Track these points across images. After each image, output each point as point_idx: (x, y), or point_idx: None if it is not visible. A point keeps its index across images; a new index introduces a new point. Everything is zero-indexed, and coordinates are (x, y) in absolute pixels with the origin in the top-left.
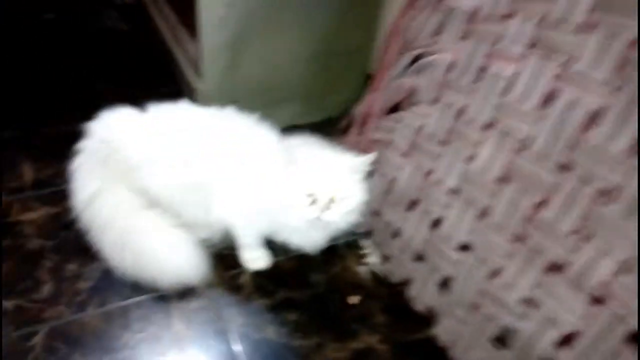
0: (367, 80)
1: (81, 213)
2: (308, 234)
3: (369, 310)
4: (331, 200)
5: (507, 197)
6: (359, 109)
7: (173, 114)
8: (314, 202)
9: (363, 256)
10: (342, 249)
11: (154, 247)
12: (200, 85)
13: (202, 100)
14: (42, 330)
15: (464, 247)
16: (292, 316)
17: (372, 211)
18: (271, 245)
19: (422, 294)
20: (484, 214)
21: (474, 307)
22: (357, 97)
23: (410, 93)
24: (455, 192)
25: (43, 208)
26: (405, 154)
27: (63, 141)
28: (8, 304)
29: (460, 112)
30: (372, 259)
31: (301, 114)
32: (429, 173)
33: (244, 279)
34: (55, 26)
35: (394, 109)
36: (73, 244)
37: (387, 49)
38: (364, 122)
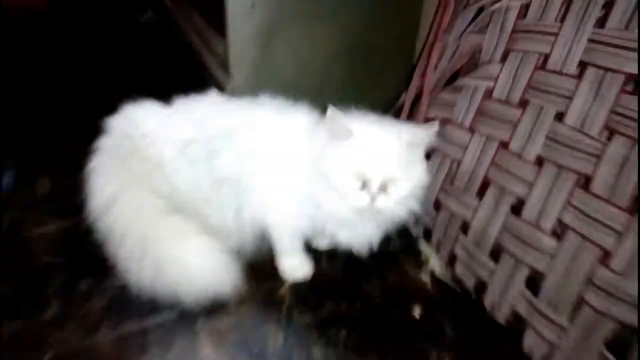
0: (412, 73)
1: (97, 220)
2: (358, 227)
3: (436, 323)
4: (386, 183)
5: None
6: (410, 89)
7: (201, 105)
8: (364, 185)
9: (423, 261)
10: (396, 252)
11: (177, 256)
12: (230, 84)
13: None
14: (46, 357)
15: (559, 231)
16: (342, 334)
17: (432, 203)
18: (314, 251)
19: (503, 300)
20: (587, 182)
21: (578, 306)
22: (399, 93)
23: (472, 55)
24: (541, 162)
25: (56, 222)
26: (470, 128)
27: (85, 155)
28: (10, 327)
29: (542, 60)
30: (434, 262)
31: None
32: (504, 145)
33: (282, 292)
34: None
35: (452, 79)
36: (86, 259)
37: (443, 11)
38: (415, 103)
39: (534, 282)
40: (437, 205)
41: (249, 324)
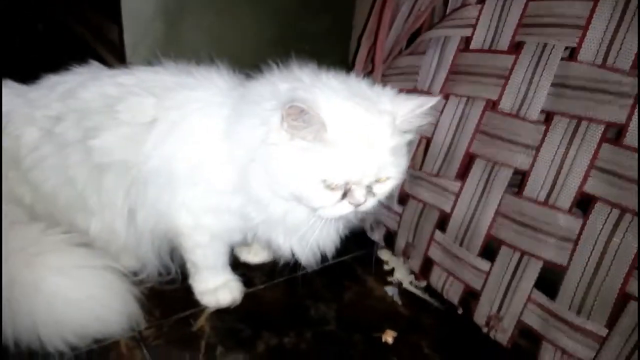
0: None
1: None
2: (310, 233)
3: (414, 349)
4: (371, 184)
5: None
6: (358, 62)
7: (74, 75)
8: (345, 194)
9: (387, 272)
10: (353, 264)
11: (32, 281)
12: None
13: None
14: None
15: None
16: None
17: (396, 198)
18: (243, 266)
19: (505, 312)
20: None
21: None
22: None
23: (433, 9)
24: (550, 117)
25: None
26: (442, 92)
27: None
28: None
29: None
30: (401, 273)
31: None
32: (492, 105)
33: (200, 323)
34: None
35: (410, 43)
36: None
37: None
38: (369, 73)
39: (548, 281)
40: (403, 199)
41: None
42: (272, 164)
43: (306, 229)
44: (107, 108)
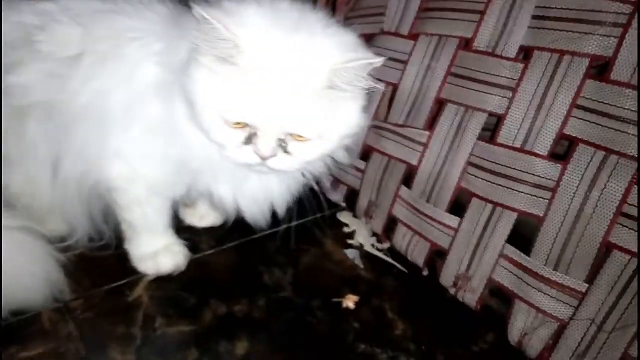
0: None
1: None
2: (250, 184)
3: (378, 315)
4: (285, 140)
5: None
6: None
7: None
8: (249, 139)
9: (347, 234)
10: (310, 227)
11: None
12: None
13: None
14: None
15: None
16: (239, 346)
17: (358, 154)
18: (188, 230)
19: (476, 271)
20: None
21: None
22: None
23: None
24: (529, 54)
25: None
26: (411, 33)
27: None
28: None
29: None
30: (363, 235)
31: None
32: (466, 43)
33: (137, 293)
34: None
35: None
36: None
37: None
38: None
39: (522, 236)
40: (366, 154)
41: (83, 347)
42: (188, 87)
43: (241, 177)
44: (26, 41)
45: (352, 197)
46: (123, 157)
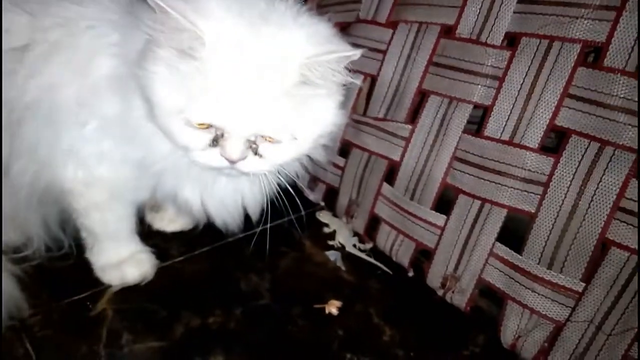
0: None
1: None
2: (219, 186)
3: (363, 320)
4: (255, 141)
5: None
6: None
7: None
8: (215, 141)
9: (327, 235)
10: (287, 230)
11: None
12: None
13: None
14: None
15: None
16: None
17: (336, 150)
18: (156, 236)
19: (464, 271)
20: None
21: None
22: None
23: None
24: (515, 40)
25: None
26: (389, 21)
27: None
28: None
29: None
30: (343, 235)
31: None
32: (448, 30)
33: (100, 307)
34: None
35: None
36: None
37: None
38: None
39: (513, 234)
40: (345, 150)
41: None
42: (143, 81)
43: (209, 179)
44: None
45: (331, 195)
46: (76, 156)
